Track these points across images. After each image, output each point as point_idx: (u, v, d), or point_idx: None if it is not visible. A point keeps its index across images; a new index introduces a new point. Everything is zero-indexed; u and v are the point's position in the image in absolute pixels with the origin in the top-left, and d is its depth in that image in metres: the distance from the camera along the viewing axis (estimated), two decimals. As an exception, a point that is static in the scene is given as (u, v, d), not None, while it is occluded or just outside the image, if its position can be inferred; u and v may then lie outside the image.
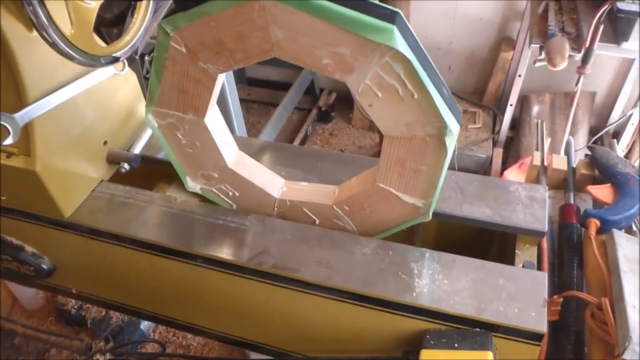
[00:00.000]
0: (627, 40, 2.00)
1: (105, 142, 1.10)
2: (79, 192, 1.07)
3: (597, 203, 1.09)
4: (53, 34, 0.78)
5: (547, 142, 2.64)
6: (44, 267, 1.16)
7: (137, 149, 1.15)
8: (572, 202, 1.10)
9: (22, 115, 0.90)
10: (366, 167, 0.97)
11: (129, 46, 0.97)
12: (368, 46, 0.71)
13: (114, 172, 1.14)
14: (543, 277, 0.89)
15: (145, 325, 2.30)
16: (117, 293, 1.22)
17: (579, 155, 2.73)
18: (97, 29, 1.13)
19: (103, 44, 0.98)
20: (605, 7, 1.92)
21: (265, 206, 1.02)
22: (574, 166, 1.18)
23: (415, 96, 0.75)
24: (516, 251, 0.98)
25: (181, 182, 1.06)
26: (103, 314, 2.26)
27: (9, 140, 0.89)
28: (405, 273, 0.89)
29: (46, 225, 1.08)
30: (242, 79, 3.82)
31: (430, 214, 0.91)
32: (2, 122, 0.88)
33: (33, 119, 0.92)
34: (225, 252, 0.95)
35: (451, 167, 0.89)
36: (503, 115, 2.88)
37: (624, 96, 2.91)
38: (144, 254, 1.02)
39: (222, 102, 2.25)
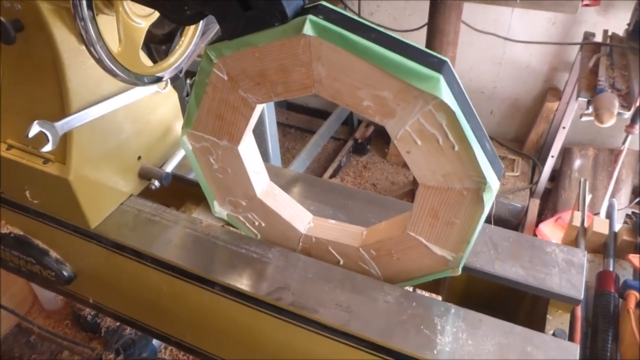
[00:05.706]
0: (680, 103, 1.93)
1: (139, 158, 1.11)
2: (107, 204, 1.07)
3: (638, 273, 1.03)
4: (100, 50, 0.79)
5: (588, 199, 2.55)
6: (65, 273, 1.16)
7: (169, 167, 1.15)
8: (611, 269, 1.04)
9: (63, 125, 0.92)
10: (398, 211, 0.94)
11: (173, 67, 0.97)
12: (411, 92, 0.69)
13: (144, 187, 1.14)
14: (575, 350, 0.83)
15: (157, 341, 2.28)
16: (132, 309, 1.21)
17: (620, 215, 2.62)
18: (147, 45, 1.15)
19: (149, 63, 0.99)
20: (660, 67, 1.87)
21: (290, 240, 1.00)
22: (616, 231, 1.13)
23: (456, 148, 0.72)
24: (547, 316, 0.93)
25: (208, 206, 1.05)
26: (117, 324, 2.26)
27: (47, 148, 0.90)
28: (427, 327, 0.85)
29: (72, 233, 1.08)
30: (282, 103, 3.86)
31: (460, 268, 0.87)
32: (42, 130, 0.89)
33: (72, 129, 0.93)
34: (243, 283, 0.93)
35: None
36: (543, 165, 2.80)
37: (672, 158, 2.81)
38: (163, 274, 1.01)
39: (259, 125, 2.26)
